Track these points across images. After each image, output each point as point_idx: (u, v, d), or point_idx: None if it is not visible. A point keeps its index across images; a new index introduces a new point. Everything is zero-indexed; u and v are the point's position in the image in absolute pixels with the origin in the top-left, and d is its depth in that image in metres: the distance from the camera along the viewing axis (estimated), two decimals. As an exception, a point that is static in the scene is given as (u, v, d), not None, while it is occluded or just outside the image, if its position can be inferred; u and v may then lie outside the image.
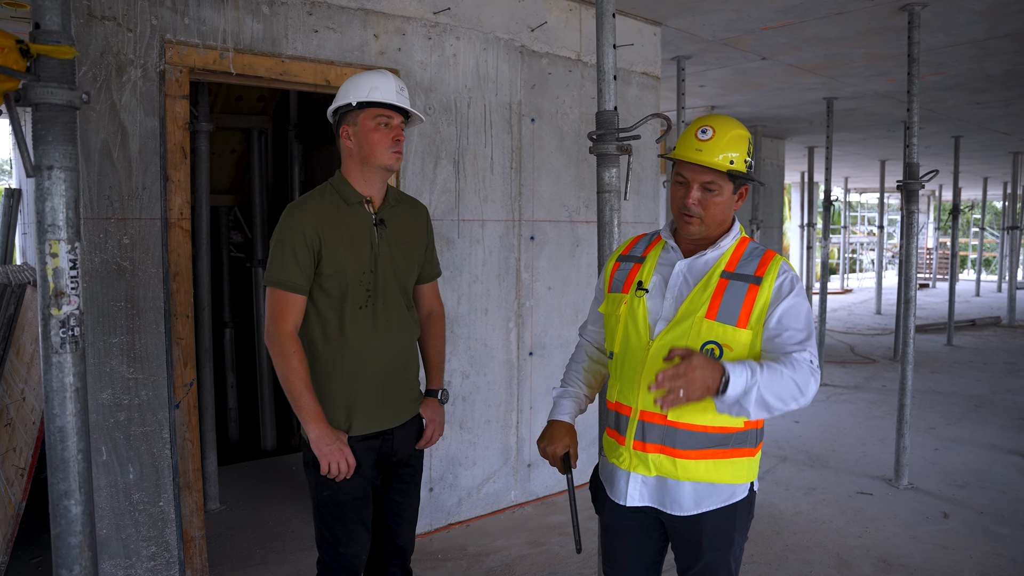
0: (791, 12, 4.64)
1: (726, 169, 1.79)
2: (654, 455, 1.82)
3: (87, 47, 2.72)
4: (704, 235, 1.86)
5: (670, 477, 1.82)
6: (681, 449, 1.79)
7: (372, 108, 2.16)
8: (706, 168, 1.80)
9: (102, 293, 2.83)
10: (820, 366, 1.71)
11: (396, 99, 2.18)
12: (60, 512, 1.74)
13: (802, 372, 1.66)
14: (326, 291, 2.15)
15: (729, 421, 1.79)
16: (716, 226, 1.85)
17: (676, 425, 1.79)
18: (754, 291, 1.76)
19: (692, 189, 1.82)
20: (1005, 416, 6.38)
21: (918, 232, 4.81)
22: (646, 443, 1.83)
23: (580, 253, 4.45)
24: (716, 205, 1.82)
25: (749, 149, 1.84)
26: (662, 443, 1.81)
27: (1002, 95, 7.36)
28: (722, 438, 1.80)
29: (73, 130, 1.69)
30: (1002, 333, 11.70)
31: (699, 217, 1.82)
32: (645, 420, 1.83)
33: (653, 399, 1.77)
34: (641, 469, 1.85)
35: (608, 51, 2.62)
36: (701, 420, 1.78)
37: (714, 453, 1.80)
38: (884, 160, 13.50)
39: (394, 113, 2.18)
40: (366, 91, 2.15)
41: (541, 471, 4.32)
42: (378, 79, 2.18)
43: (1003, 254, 18.48)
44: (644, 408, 1.83)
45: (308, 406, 2.09)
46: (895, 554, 3.64)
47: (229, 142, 5.26)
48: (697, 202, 1.81)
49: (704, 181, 1.81)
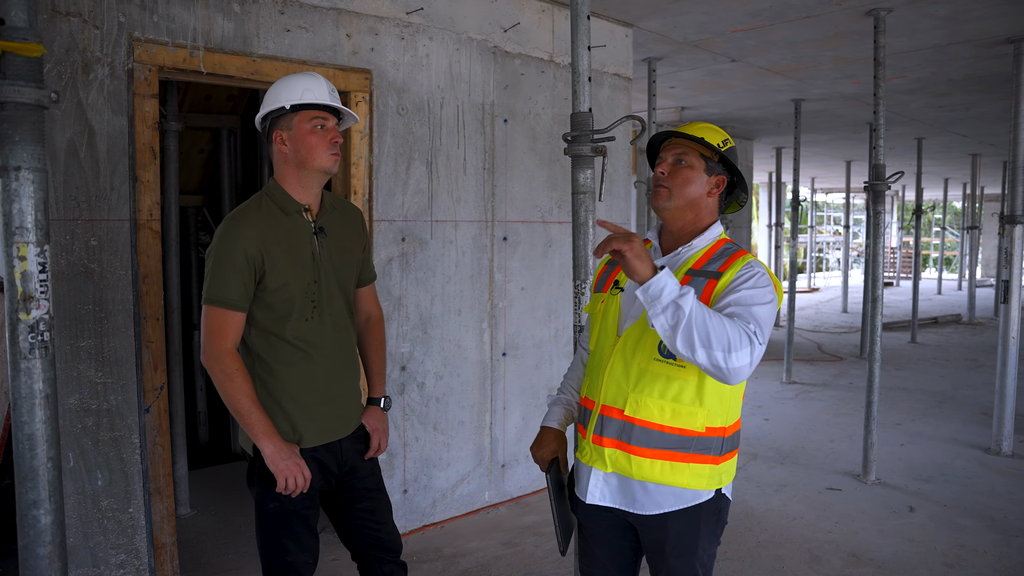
0: (761, 15, 4.70)
1: (698, 136, 1.85)
2: (610, 450, 1.83)
3: (51, 44, 2.66)
4: (676, 216, 1.88)
5: (625, 474, 1.83)
6: (636, 446, 1.80)
7: (307, 111, 2.11)
8: (678, 143, 1.89)
9: (69, 296, 2.77)
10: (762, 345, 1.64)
11: (330, 100, 2.15)
12: (28, 522, 1.70)
13: (738, 332, 1.59)
14: (270, 305, 2.11)
15: (688, 423, 1.78)
16: (687, 206, 1.87)
17: (633, 421, 1.80)
18: (712, 285, 1.77)
19: (665, 162, 1.90)
20: (966, 411, 6.54)
21: (884, 232, 4.90)
22: (603, 437, 1.84)
23: (553, 254, 4.46)
24: (686, 178, 1.86)
25: (726, 140, 1.89)
26: (618, 438, 1.82)
27: (962, 99, 7.54)
28: (681, 441, 1.79)
29: (41, 130, 1.66)
30: (963, 330, 11.99)
31: (668, 188, 1.87)
32: (605, 414, 1.85)
33: (613, 393, 1.82)
34: (599, 464, 1.86)
35: (583, 53, 2.63)
36: (659, 419, 1.78)
37: (672, 455, 1.79)
38: (850, 161, 13.76)
39: (329, 115, 2.15)
40: (299, 93, 2.10)
41: (515, 472, 4.33)
42: (310, 81, 2.14)
43: (963, 253, 18.92)
44: (605, 403, 1.85)
45: (258, 422, 2.05)
46: (864, 548, 3.72)
47: (197, 142, 5.18)
48: (667, 171, 1.88)
49: (676, 152, 1.89)
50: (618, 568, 2.00)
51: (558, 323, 4.50)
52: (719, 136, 1.89)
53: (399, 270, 3.74)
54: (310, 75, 2.17)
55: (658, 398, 1.78)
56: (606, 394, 1.85)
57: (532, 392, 4.38)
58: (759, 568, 3.50)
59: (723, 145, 1.88)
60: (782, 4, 4.48)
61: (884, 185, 4.66)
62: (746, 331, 1.61)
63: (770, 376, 8.02)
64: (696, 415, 1.78)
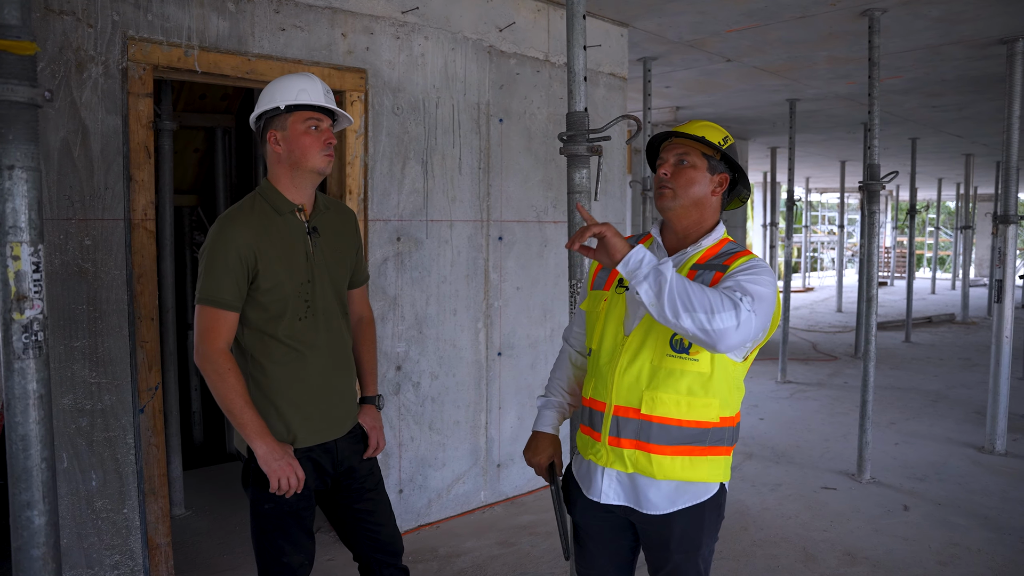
0: (755, 15, 4.71)
1: (699, 135, 1.85)
2: (629, 450, 1.82)
3: (44, 42, 2.64)
4: (681, 216, 1.88)
5: (646, 474, 1.81)
6: (656, 444, 1.79)
7: (301, 111, 2.11)
8: (679, 143, 1.88)
9: (63, 296, 2.75)
10: (754, 312, 1.64)
11: (324, 101, 2.15)
12: (22, 523, 1.69)
13: (720, 297, 1.60)
14: (263, 305, 2.10)
15: (704, 414, 1.78)
16: (692, 205, 1.86)
17: (650, 419, 1.79)
18: (718, 277, 1.77)
19: (667, 163, 1.89)
20: (960, 410, 6.57)
21: (878, 232, 4.92)
22: (621, 438, 1.82)
23: (548, 253, 4.46)
24: (690, 178, 1.85)
25: (726, 137, 1.89)
26: (637, 438, 1.81)
27: (955, 99, 7.57)
28: (698, 434, 1.80)
29: (35, 129, 1.65)
30: (956, 329, 12.03)
31: (672, 189, 1.86)
32: (619, 415, 1.83)
33: (627, 393, 1.80)
34: (618, 465, 1.84)
35: (578, 52, 2.64)
36: (676, 413, 1.77)
37: (691, 450, 1.80)
38: (844, 161, 13.79)
39: (323, 116, 2.15)
40: (294, 94, 2.10)
41: (511, 471, 4.33)
42: (305, 82, 2.14)
43: (956, 253, 19.00)
44: (618, 403, 1.83)
45: (251, 422, 2.04)
46: (859, 547, 3.73)
47: (192, 141, 5.17)
48: (670, 172, 1.87)
49: (677, 152, 1.88)
50: (616, 567, 2.00)
51: (553, 323, 4.50)
52: (719, 134, 1.88)
53: (394, 270, 3.73)
54: (305, 76, 2.17)
55: (674, 393, 1.77)
56: (618, 394, 1.83)
57: (528, 392, 4.38)
58: (754, 567, 3.50)
59: (724, 143, 1.87)
60: (776, 4, 4.49)
61: (879, 185, 4.67)
62: (731, 297, 1.61)
63: (765, 375, 8.04)
64: (711, 406, 1.79)
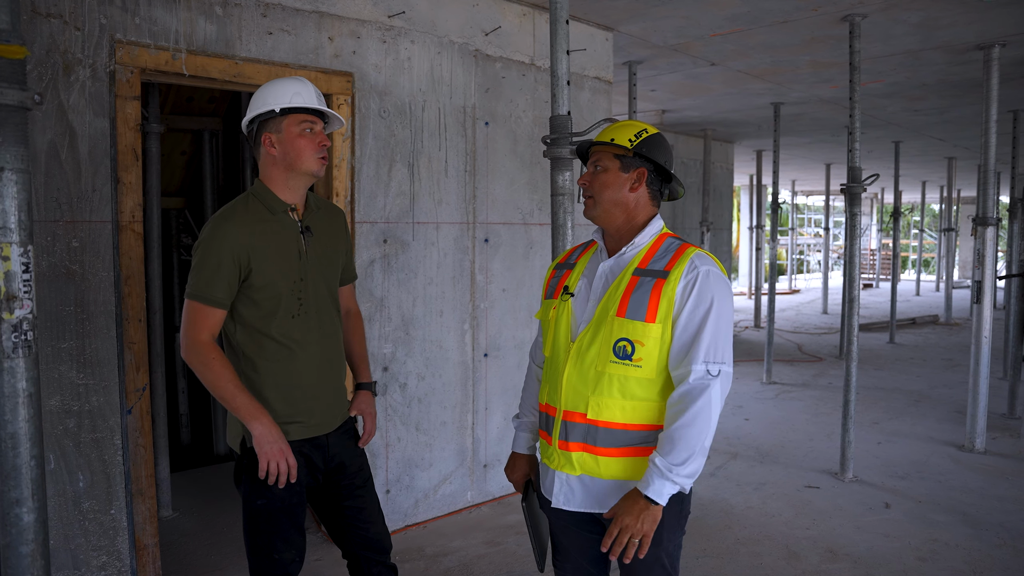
0: (739, 20, 4.77)
1: (607, 140, 1.92)
2: (577, 453, 1.88)
3: (32, 45, 2.66)
4: (608, 220, 1.94)
5: (594, 475, 1.87)
6: (602, 447, 1.85)
7: (296, 114, 2.15)
8: (596, 150, 1.96)
9: (51, 297, 2.77)
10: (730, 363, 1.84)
11: (318, 104, 2.19)
12: (11, 521, 1.71)
13: (695, 401, 1.75)
14: (257, 303, 2.14)
15: (647, 418, 1.84)
16: (613, 207, 1.92)
17: (596, 423, 1.85)
18: (660, 285, 1.81)
19: (587, 173, 1.98)
20: (942, 409, 6.66)
21: (861, 234, 4.99)
22: (569, 442, 1.89)
23: (534, 255, 4.50)
24: (603, 182, 1.92)
25: (640, 132, 1.92)
26: (584, 441, 1.87)
27: (937, 103, 7.67)
28: (645, 436, 1.85)
29: (25, 131, 1.67)
30: (940, 330, 12.16)
31: (592, 197, 1.94)
32: (568, 420, 1.89)
33: (573, 398, 1.88)
34: (567, 468, 1.90)
35: (562, 56, 2.68)
36: (621, 418, 1.83)
37: (636, 451, 1.85)
38: (829, 163, 13.92)
39: (317, 119, 2.19)
40: (288, 97, 2.14)
41: (497, 472, 4.36)
42: (298, 85, 2.18)
43: (940, 255, 19.19)
44: (567, 408, 1.89)
45: (245, 404, 2.07)
46: (840, 544, 3.78)
47: (179, 143, 5.18)
48: (588, 182, 1.95)
49: (593, 159, 1.97)
50: (590, 560, 2.04)
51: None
52: (631, 131, 1.92)
53: (381, 271, 3.76)
54: (298, 79, 2.21)
55: (619, 398, 1.83)
56: (566, 399, 1.89)
57: (514, 393, 4.41)
58: (738, 564, 3.55)
59: (637, 138, 1.90)
60: (759, 9, 4.55)
61: (860, 187, 4.74)
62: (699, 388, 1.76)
63: (750, 376, 8.11)
64: (654, 409, 1.85)
